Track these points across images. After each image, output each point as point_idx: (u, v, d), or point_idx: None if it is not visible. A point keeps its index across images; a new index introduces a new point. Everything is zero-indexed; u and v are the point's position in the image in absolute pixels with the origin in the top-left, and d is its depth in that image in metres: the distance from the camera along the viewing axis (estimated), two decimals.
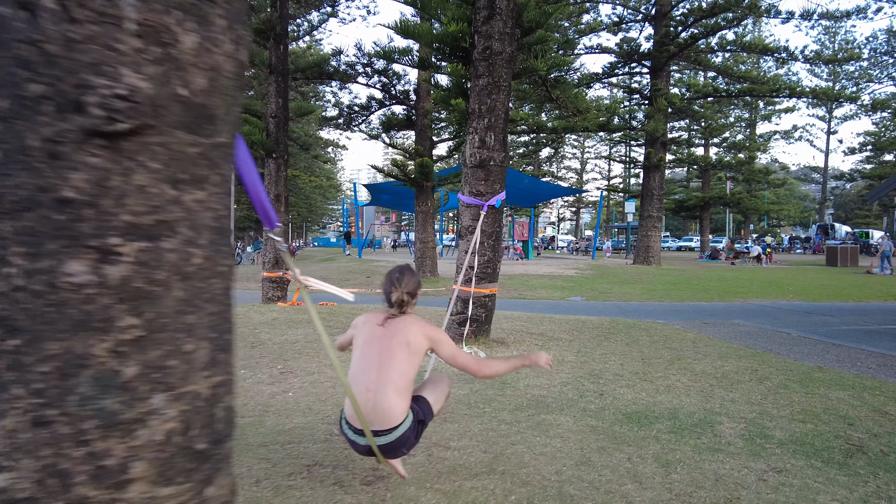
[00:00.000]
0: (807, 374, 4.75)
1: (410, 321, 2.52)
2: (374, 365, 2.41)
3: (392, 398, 2.35)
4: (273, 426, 3.40)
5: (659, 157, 20.24)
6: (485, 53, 5.29)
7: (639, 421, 3.44)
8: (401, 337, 2.44)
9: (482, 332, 5.77)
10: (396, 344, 2.43)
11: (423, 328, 2.50)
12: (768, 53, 19.63)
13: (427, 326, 2.52)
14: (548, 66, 5.76)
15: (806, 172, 53.32)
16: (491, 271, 5.75)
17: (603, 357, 5.31)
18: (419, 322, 2.53)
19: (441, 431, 3.27)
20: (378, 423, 2.34)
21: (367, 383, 2.38)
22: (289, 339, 6.10)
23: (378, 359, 2.42)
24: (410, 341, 2.44)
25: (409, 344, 2.43)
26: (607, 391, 4.08)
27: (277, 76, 9.22)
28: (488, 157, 5.47)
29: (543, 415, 3.57)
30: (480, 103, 5.41)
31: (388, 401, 2.34)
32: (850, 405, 3.78)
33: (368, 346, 2.48)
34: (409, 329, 2.48)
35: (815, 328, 7.97)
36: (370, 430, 2.33)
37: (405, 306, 2.56)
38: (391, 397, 2.35)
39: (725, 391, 4.10)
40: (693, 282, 15.30)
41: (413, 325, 2.50)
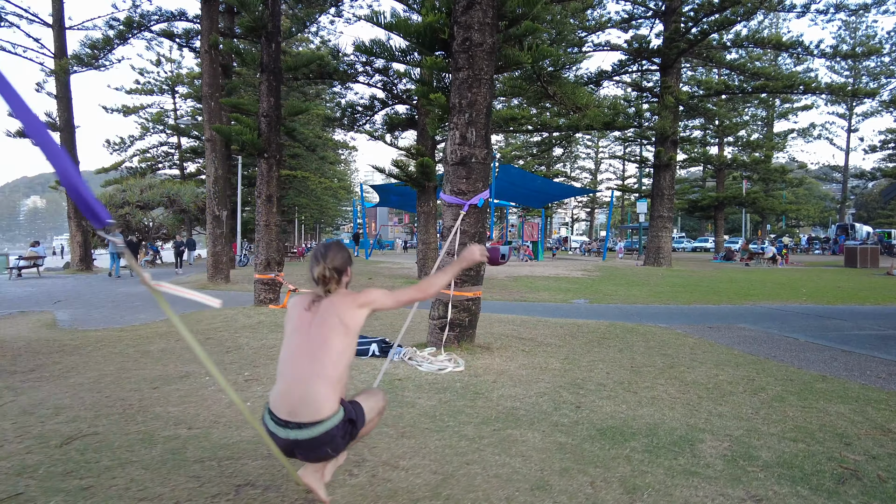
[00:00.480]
0: (807, 385, 4.41)
1: (339, 299, 2.27)
2: (305, 353, 2.17)
3: (323, 390, 2.11)
4: (218, 439, 3.18)
5: (669, 155, 19.75)
6: (464, 45, 5.03)
7: (613, 437, 3.16)
8: (333, 319, 2.20)
9: (465, 337, 5.50)
10: (329, 327, 2.19)
11: (353, 300, 2.26)
12: (783, 49, 19.04)
13: (357, 296, 2.28)
14: (532, 59, 5.47)
15: (826, 171, 52.08)
16: (474, 273, 5.48)
17: (590, 365, 5.01)
18: (349, 296, 2.29)
19: (394, 448, 3.01)
20: (304, 415, 2.09)
21: (296, 373, 2.15)
22: (266, 345, 5.90)
23: (308, 346, 2.18)
24: (345, 320, 2.20)
25: (345, 324, 2.19)
26: (585, 403, 3.79)
27: (269, 74, 9.04)
28: (469, 153, 5.21)
29: (511, 429, 3.30)
30: (461, 97, 5.15)
31: (319, 392, 2.10)
32: (849, 421, 3.45)
33: (298, 334, 2.23)
34: (340, 307, 2.23)
35: (825, 333, 7.57)
36: (295, 422, 2.09)
37: (330, 283, 2.31)
38: (322, 389, 2.11)
39: (714, 404, 3.79)
40: (703, 284, 14.85)
41: (342, 301, 2.25)
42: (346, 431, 2.19)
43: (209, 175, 13.94)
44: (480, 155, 5.25)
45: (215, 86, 13.70)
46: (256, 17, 8.95)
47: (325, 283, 2.31)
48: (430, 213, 14.96)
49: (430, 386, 4.23)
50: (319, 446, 2.12)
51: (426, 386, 4.23)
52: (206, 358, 1.99)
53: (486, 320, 7.79)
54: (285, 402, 2.13)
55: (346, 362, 2.20)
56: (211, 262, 14.23)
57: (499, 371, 4.69)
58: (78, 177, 1.47)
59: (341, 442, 2.18)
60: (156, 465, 2.79)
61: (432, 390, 4.12)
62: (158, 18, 16.89)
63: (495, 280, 15.19)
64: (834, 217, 50.55)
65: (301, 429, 2.09)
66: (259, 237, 9.31)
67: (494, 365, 4.92)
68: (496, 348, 5.66)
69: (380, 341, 5.29)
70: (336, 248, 2.39)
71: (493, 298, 11.96)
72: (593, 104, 8.65)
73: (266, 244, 9.28)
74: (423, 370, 4.69)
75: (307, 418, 2.09)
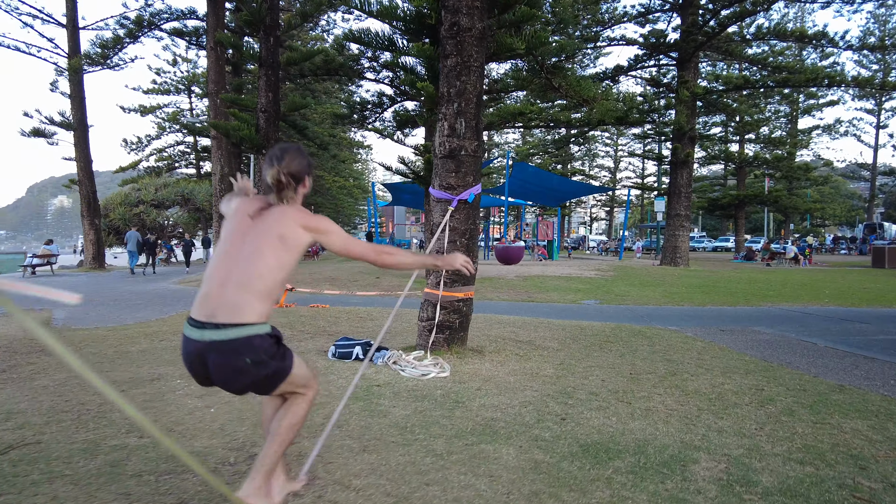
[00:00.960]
0: (822, 396, 4.03)
1: (288, 211, 2.04)
2: (235, 259, 1.94)
3: (248, 297, 1.88)
4: (167, 450, 2.94)
5: (686, 152, 19.16)
6: (452, 30, 4.74)
7: (596, 455, 2.84)
8: (274, 230, 1.97)
9: (456, 340, 5.21)
10: (267, 239, 1.96)
11: (302, 218, 2.03)
12: (807, 41, 18.31)
13: (308, 217, 2.05)
14: (527, 45, 5.16)
15: (853, 169, 50.47)
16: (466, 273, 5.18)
17: (585, 371, 4.68)
18: (299, 212, 2.05)
19: (351, 464, 2.74)
20: (224, 316, 1.86)
21: (222, 277, 1.92)
22: None
23: (240, 253, 1.95)
24: (285, 234, 1.97)
25: (284, 238, 1.97)
26: (572, 415, 3.48)
27: (267, 69, 8.87)
28: (459, 146, 4.92)
29: (485, 444, 3.00)
30: (449, 86, 4.86)
31: (242, 298, 1.88)
32: (867, 440, 3.08)
33: (234, 239, 2.01)
34: (284, 221, 2.00)
35: (846, 337, 7.11)
36: (213, 322, 1.86)
37: (284, 191, 2.06)
38: (246, 296, 1.88)
39: (715, 417, 3.44)
40: (720, 284, 14.32)
41: (290, 216, 2.02)
42: (271, 349, 1.94)
43: (215, 173, 13.86)
44: (470, 147, 4.95)
45: (221, 83, 13.60)
46: (254, 11, 8.77)
47: (278, 189, 2.06)
48: None
49: (408, 393, 3.96)
50: (237, 355, 1.86)
51: (405, 393, 3.96)
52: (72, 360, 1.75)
53: (486, 321, 7.49)
54: (205, 305, 1.90)
55: (279, 278, 1.97)
56: None
57: (486, 377, 4.40)
58: None
59: (265, 359, 1.91)
60: (88, 479, 2.56)
61: (410, 398, 3.85)
62: (168, 17, 16.90)
63: (504, 279, 14.86)
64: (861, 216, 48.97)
65: (218, 329, 1.85)
66: None
67: (483, 370, 4.62)
68: (489, 352, 5.36)
69: (364, 344, 5.03)
70: (295, 152, 2.14)
71: (500, 298, 11.64)
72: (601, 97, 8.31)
73: None
74: (406, 375, 4.42)
75: (226, 319, 1.86)
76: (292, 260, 2.00)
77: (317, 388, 2.25)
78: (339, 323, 7.17)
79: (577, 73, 11.65)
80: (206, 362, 1.89)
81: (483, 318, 7.80)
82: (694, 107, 20.08)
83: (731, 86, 20.09)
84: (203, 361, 1.90)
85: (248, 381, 1.93)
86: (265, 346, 1.92)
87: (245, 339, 1.87)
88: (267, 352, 1.92)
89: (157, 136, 33.28)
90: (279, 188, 2.06)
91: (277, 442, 2.13)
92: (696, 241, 49.59)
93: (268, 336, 1.94)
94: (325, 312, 8.11)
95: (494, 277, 15.40)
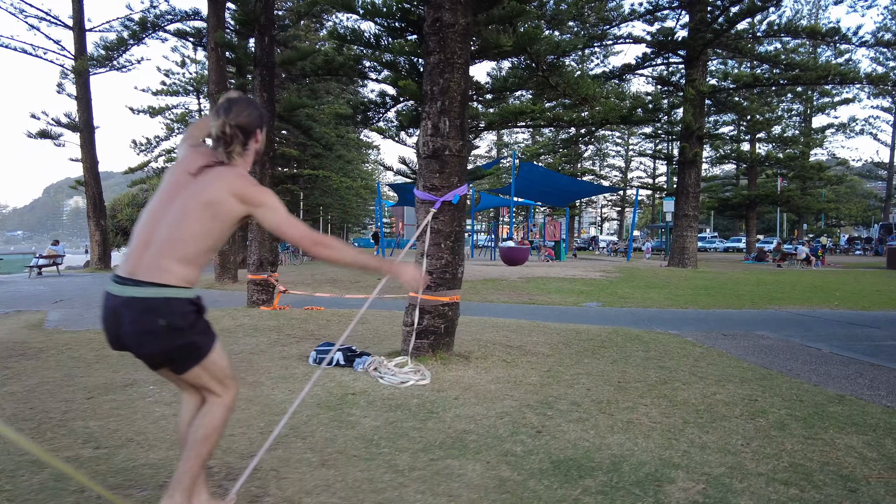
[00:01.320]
0: (819, 408, 3.82)
1: (226, 175, 1.86)
2: (162, 220, 1.81)
3: (169, 261, 1.76)
4: (119, 462, 2.83)
5: (695, 151, 18.83)
6: (435, 26, 4.59)
7: (567, 473, 2.68)
8: (204, 194, 1.81)
9: (441, 345, 5.06)
10: (195, 202, 1.81)
11: (239, 185, 1.84)
12: (818, 37, 17.91)
13: (247, 185, 1.85)
14: (515, 43, 4.99)
15: (870, 168, 49.50)
16: (450, 276, 5.03)
17: (572, 379, 4.51)
18: (239, 179, 1.86)
19: (306, 480, 2.60)
20: (143, 274, 1.75)
21: (146, 239, 1.80)
22: (234, 350, 5.57)
23: (169, 214, 1.81)
24: (215, 201, 1.81)
25: (212, 205, 1.81)
26: (549, 427, 3.31)
27: (262, 69, 8.78)
28: (443, 145, 4.77)
29: (451, 459, 2.85)
30: (433, 84, 4.71)
31: (164, 261, 1.76)
32: (860, 458, 2.88)
33: (164, 197, 1.86)
34: (218, 184, 1.83)
35: (853, 343, 6.86)
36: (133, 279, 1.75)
37: (232, 145, 1.90)
38: (167, 260, 1.76)
39: (700, 431, 3.26)
40: (727, 286, 14.03)
41: (226, 180, 1.84)
42: (190, 317, 1.80)
43: None
44: (455, 147, 4.80)
45: (222, 84, 13.56)
46: (249, 11, 8.68)
47: (225, 143, 1.89)
48: None
49: (383, 402, 3.81)
50: (152, 315, 1.74)
51: (379, 402, 3.81)
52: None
53: (480, 325, 7.33)
54: (128, 262, 1.80)
55: (205, 247, 1.83)
56: (218, 261, 14.12)
57: (467, 385, 4.24)
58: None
59: (182, 325, 1.78)
60: (26, 495, 2.44)
61: (384, 408, 3.70)
62: (172, 18, 16.93)
63: (507, 280, 14.68)
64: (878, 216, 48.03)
65: (138, 286, 1.74)
66: (252, 237, 9.05)
67: (465, 378, 4.47)
68: (476, 357, 5.20)
69: (346, 349, 4.90)
70: (245, 103, 1.97)
71: (500, 300, 11.47)
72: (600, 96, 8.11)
73: (259, 244, 9.01)
74: (385, 383, 4.28)
75: (146, 277, 1.75)
76: (220, 229, 1.85)
77: (236, 392, 2.08)
78: (329, 326, 7.05)
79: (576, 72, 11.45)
80: (121, 320, 1.77)
81: (478, 322, 7.65)
82: (702, 105, 19.74)
83: (740, 84, 19.72)
84: (118, 319, 1.78)
85: (159, 347, 1.80)
86: (183, 311, 1.79)
87: (163, 299, 1.75)
88: (185, 318, 1.79)
89: (167, 136, 33.44)
90: (226, 143, 1.89)
91: (193, 456, 1.98)
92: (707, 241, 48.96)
93: (188, 302, 1.81)
94: (317, 315, 8.00)
95: (497, 279, 15.22)
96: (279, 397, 3.94)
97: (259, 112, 2.01)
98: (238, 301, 10.03)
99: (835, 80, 17.12)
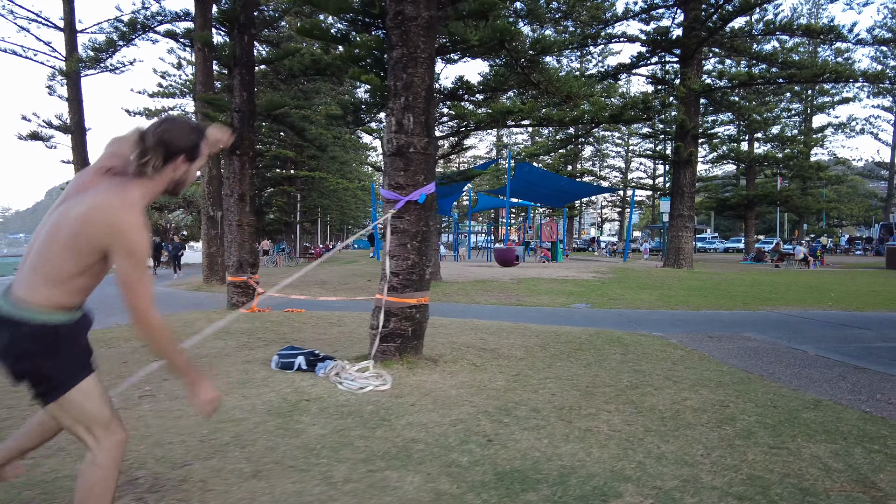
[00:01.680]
0: (791, 414, 3.65)
1: (100, 198, 1.61)
2: (38, 236, 1.67)
3: (38, 281, 1.61)
4: (42, 473, 2.69)
5: (689, 151, 18.64)
6: (397, 19, 4.44)
7: (510, 486, 2.52)
8: (72, 212, 1.61)
9: (409, 349, 4.90)
10: (65, 221, 1.61)
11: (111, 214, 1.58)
12: (813, 35, 17.73)
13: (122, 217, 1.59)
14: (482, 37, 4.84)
15: (871, 168, 49.21)
16: (417, 278, 4.88)
17: (540, 383, 4.35)
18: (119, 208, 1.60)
19: (233, 492, 2.45)
20: (16, 288, 1.62)
21: (28, 250, 1.68)
22: (199, 354, 5.43)
23: (43, 230, 1.66)
24: (77, 226, 1.59)
25: (74, 228, 1.59)
26: (502, 436, 3.15)
27: (242, 68, 8.64)
28: (407, 142, 4.62)
29: (391, 470, 2.70)
30: (396, 79, 4.56)
31: (34, 280, 1.61)
32: (824, 469, 2.72)
33: (51, 211, 1.70)
34: (86, 207, 1.59)
35: (841, 345, 6.68)
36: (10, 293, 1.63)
37: (147, 158, 1.65)
38: (36, 278, 1.61)
39: (660, 440, 3.10)
40: (721, 287, 13.84)
41: (98, 203, 1.60)
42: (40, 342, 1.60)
43: (203, 175, 13.71)
44: (420, 144, 4.65)
45: (209, 84, 13.45)
46: (228, 10, 8.56)
47: (139, 156, 1.66)
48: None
49: (336, 409, 3.66)
50: (7, 330, 1.60)
51: (332, 409, 3.66)
52: None
53: (459, 327, 7.18)
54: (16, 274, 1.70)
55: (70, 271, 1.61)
56: (206, 263, 13.99)
57: (428, 390, 4.09)
58: None
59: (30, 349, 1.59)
60: None
61: (336, 415, 3.55)
62: (162, 19, 16.81)
63: (498, 282, 14.51)
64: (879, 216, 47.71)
65: (6, 299, 1.62)
66: (231, 238, 8.91)
67: (428, 382, 4.31)
68: (445, 361, 5.04)
69: (307, 353, 4.75)
70: (181, 125, 1.75)
71: (488, 302, 11.31)
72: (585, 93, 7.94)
73: (238, 245, 8.87)
74: (343, 389, 4.12)
75: (18, 292, 1.62)
76: (83, 257, 1.61)
77: (113, 448, 1.72)
78: (303, 329, 6.90)
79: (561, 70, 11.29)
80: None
81: (458, 324, 7.49)
82: (697, 104, 19.56)
83: (735, 82, 19.53)
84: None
85: (11, 365, 1.63)
86: (35, 335, 1.60)
87: (17, 319, 1.59)
88: (36, 343, 1.60)
89: None
90: (140, 156, 1.65)
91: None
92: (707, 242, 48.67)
93: (43, 326, 1.60)
94: (292, 318, 7.85)
95: (488, 280, 15.06)
96: (230, 403, 3.79)
97: (195, 138, 1.77)
98: (221, 303, 9.89)
99: (830, 77, 16.93)
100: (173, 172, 1.75)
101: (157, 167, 1.69)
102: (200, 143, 1.80)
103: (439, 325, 7.23)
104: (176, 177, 1.76)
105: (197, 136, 1.79)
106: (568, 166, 43.20)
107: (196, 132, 1.80)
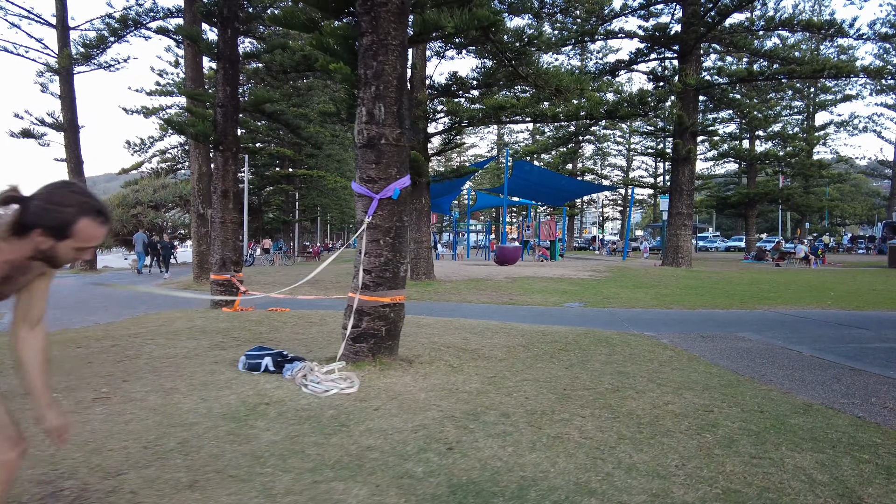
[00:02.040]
0: (779, 420, 3.44)
1: None
2: None
3: None
4: None
5: (688, 148, 18.39)
6: (366, 5, 4.24)
7: (462, 501, 2.31)
8: None
9: (382, 349, 4.70)
10: None
11: None
12: (813, 29, 17.45)
13: None
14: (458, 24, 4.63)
15: (875, 166, 48.82)
16: (391, 275, 4.67)
17: (515, 386, 4.14)
18: None
19: None
20: None
21: None
22: (169, 354, 5.23)
23: None
24: None
25: None
26: (463, 443, 2.95)
27: (224, 62, 8.45)
28: (378, 134, 4.41)
29: (339, 481, 2.49)
30: (366, 68, 4.36)
31: None
32: (808, 482, 2.50)
33: None
34: None
35: (838, 345, 6.47)
36: None
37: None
38: None
39: (634, 449, 2.88)
40: (718, 286, 13.61)
41: None
42: None
43: (193, 172, 13.52)
44: (392, 136, 4.44)
45: (199, 80, 13.26)
46: (210, 3, 8.36)
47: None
48: (422, 209, 14.23)
49: (295, 414, 3.46)
50: None
51: (291, 414, 3.46)
52: None
53: (444, 327, 6.97)
54: None
55: None
56: (196, 261, 13.82)
57: (396, 394, 3.88)
58: None
59: None
60: None
61: (294, 420, 3.35)
62: (154, 16, 16.65)
63: (492, 281, 14.31)
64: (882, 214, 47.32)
65: None
66: (214, 235, 8.72)
67: (398, 385, 4.11)
68: (421, 362, 4.84)
69: (275, 354, 4.55)
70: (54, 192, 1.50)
71: (480, 301, 11.12)
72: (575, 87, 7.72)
73: (222, 242, 8.68)
74: (308, 391, 3.92)
75: None
76: None
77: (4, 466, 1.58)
78: (281, 329, 6.70)
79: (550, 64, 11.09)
80: None
81: (443, 323, 7.29)
82: (695, 100, 19.30)
83: (734, 78, 19.26)
84: None
85: None
86: None
87: None
88: None
89: (161, 137, 33.28)
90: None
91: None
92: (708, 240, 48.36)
93: None
94: (272, 318, 7.65)
95: (483, 279, 14.86)
96: (187, 406, 3.60)
97: (60, 216, 1.48)
98: (207, 302, 9.71)
99: (831, 73, 16.65)
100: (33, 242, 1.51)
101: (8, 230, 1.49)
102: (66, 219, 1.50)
103: (423, 325, 7.03)
104: (42, 248, 1.52)
105: (74, 203, 1.51)
106: (568, 165, 42.92)
107: (65, 203, 1.50)
